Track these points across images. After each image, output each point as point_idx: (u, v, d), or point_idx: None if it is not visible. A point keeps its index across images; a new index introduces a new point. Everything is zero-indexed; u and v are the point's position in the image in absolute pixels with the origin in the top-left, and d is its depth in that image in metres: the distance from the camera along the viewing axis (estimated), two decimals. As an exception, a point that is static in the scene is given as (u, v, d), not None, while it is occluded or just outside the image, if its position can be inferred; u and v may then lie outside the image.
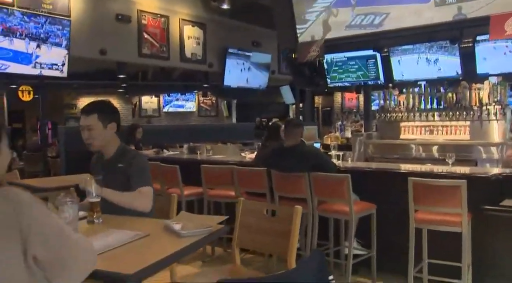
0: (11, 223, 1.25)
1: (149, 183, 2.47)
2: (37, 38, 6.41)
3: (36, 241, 1.29)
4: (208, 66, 9.54)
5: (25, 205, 1.29)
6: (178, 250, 1.67)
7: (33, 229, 1.28)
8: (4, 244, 1.24)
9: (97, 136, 2.48)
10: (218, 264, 4.15)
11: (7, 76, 6.78)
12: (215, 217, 2.13)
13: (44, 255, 1.31)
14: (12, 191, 1.32)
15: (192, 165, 4.76)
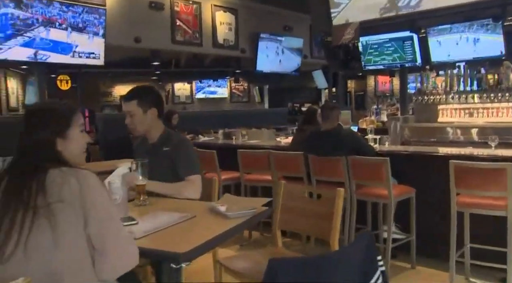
0: (77, 198, 1.35)
1: (197, 170, 2.51)
2: (75, 28, 6.56)
3: (93, 222, 1.38)
4: (240, 51, 9.54)
5: (91, 187, 1.39)
6: (226, 230, 1.70)
7: (92, 210, 1.37)
8: (71, 213, 1.35)
9: (138, 121, 2.53)
10: (255, 248, 4.20)
11: (47, 65, 6.98)
12: (259, 199, 2.16)
13: (95, 238, 1.39)
14: (82, 172, 1.41)
15: (229, 150, 4.81)
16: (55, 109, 1.55)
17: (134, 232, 1.67)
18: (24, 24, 5.97)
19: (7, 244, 1.31)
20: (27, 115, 1.56)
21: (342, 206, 2.19)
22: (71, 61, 6.66)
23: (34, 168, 1.40)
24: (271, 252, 2.43)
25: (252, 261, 2.34)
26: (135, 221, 1.82)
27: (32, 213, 1.32)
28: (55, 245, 1.31)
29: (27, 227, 1.31)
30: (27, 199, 1.33)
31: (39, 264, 1.31)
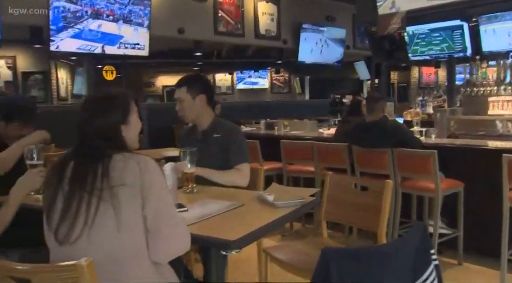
0: (137, 181, 1.40)
1: (247, 159, 2.54)
2: (121, 19, 6.71)
3: (149, 204, 1.41)
4: (282, 42, 9.49)
5: (150, 171, 1.43)
6: (275, 219, 1.71)
7: (150, 193, 1.41)
8: (132, 196, 1.39)
9: (187, 107, 2.57)
10: (297, 238, 4.20)
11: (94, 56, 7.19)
12: (307, 189, 2.15)
13: (151, 220, 1.42)
14: (143, 157, 1.46)
15: (271, 140, 4.81)
16: (119, 95, 1.59)
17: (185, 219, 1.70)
18: (74, 16, 6.17)
19: (75, 227, 1.36)
20: (92, 101, 1.59)
21: (390, 198, 2.16)
22: (117, 52, 6.82)
23: (100, 153, 1.44)
24: (316, 243, 2.42)
25: (297, 251, 2.34)
26: (185, 208, 1.86)
27: (97, 197, 1.37)
28: (117, 227, 1.36)
29: (93, 210, 1.36)
30: (92, 183, 1.38)
31: (102, 246, 1.36)
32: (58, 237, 1.39)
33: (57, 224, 1.39)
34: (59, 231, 1.39)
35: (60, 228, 1.39)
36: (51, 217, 1.42)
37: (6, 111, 2.54)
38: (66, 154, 1.53)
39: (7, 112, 2.54)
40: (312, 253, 2.23)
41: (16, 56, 9.46)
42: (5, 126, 2.50)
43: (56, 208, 1.41)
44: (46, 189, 1.49)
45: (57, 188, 1.43)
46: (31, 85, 9.76)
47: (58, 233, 1.39)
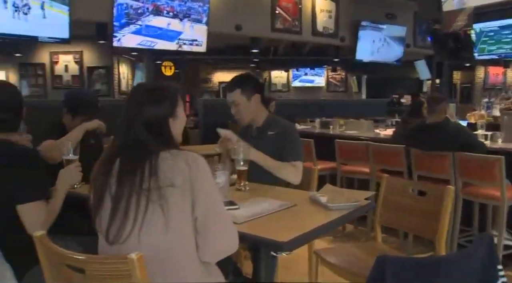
0: (186, 181, 1.36)
1: (301, 157, 2.50)
2: (181, 16, 6.83)
3: (199, 205, 1.38)
4: (339, 40, 9.29)
5: (200, 170, 1.39)
6: (327, 222, 1.66)
7: (200, 194, 1.38)
8: (181, 197, 1.35)
9: (243, 110, 2.55)
10: (349, 240, 4.11)
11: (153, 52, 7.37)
12: (362, 192, 2.08)
13: (199, 221, 1.39)
14: (192, 155, 1.42)
15: (325, 139, 4.73)
16: (168, 87, 1.55)
17: (236, 217, 1.69)
18: (136, 13, 6.35)
19: (125, 228, 1.34)
20: (142, 91, 1.52)
21: (451, 205, 2.04)
22: (175, 48, 6.95)
23: (147, 150, 1.40)
24: (370, 247, 2.34)
25: (349, 254, 2.27)
26: (237, 206, 1.84)
27: (145, 197, 1.33)
28: (166, 228, 1.33)
29: (141, 210, 1.33)
30: (140, 183, 1.34)
31: (150, 247, 1.34)
32: (108, 237, 1.37)
33: (107, 224, 1.37)
34: (109, 231, 1.37)
35: (110, 228, 1.36)
36: (99, 216, 1.40)
37: (72, 105, 2.65)
38: (113, 149, 1.47)
39: (73, 105, 2.65)
40: (365, 258, 2.16)
41: (83, 52, 9.91)
42: (71, 119, 2.61)
43: (104, 207, 1.39)
44: (93, 185, 1.44)
45: (105, 185, 1.40)
46: (95, 79, 10.20)
47: (108, 233, 1.37)
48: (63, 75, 9.95)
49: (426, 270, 1.14)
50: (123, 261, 1.14)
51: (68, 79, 9.93)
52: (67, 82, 9.86)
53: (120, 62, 10.79)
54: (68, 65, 9.95)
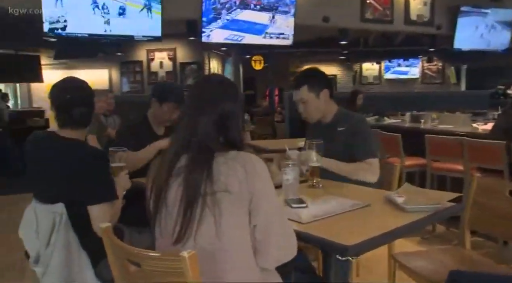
0: (243, 188, 1.28)
1: (376, 153, 2.33)
2: (268, 9, 6.83)
3: (259, 213, 1.31)
4: (436, 28, 8.69)
5: (257, 175, 1.31)
6: (401, 226, 1.52)
7: (259, 202, 1.30)
8: (236, 204, 1.29)
9: (312, 107, 2.43)
10: (439, 243, 3.82)
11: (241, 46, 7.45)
12: (445, 193, 1.88)
13: (259, 229, 1.33)
14: (250, 158, 1.33)
15: (415, 134, 4.45)
16: (232, 83, 1.51)
17: (302, 216, 1.61)
18: (223, 7, 6.46)
19: (183, 227, 1.29)
20: (210, 86, 1.45)
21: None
22: (262, 41, 6.96)
23: (210, 151, 1.33)
24: (457, 254, 2.13)
25: (434, 260, 2.08)
26: (305, 204, 1.76)
27: (202, 201, 1.28)
28: (218, 235, 1.27)
29: (198, 213, 1.28)
30: (198, 185, 1.28)
31: (204, 251, 1.28)
32: (165, 238, 1.35)
33: (165, 224, 1.35)
34: (166, 231, 1.34)
35: (168, 228, 1.33)
36: (159, 215, 1.36)
37: (160, 92, 2.75)
38: (176, 147, 1.39)
39: (161, 93, 2.74)
40: (450, 265, 1.97)
41: (176, 48, 10.35)
42: (159, 106, 2.70)
43: (163, 207, 1.35)
44: (154, 183, 1.38)
45: (166, 184, 1.35)
46: (187, 74, 10.60)
47: (165, 234, 1.35)
48: (158, 72, 10.49)
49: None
50: (176, 258, 1.13)
51: (163, 75, 10.45)
52: (161, 78, 10.37)
53: (210, 58, 11.12)
54: (162, 61, 10.47)
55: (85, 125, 1.96)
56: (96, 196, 1.80)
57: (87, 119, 1.95)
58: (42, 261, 1.74)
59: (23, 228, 1.85)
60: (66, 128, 1.90)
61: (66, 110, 1.89)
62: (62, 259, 1.72)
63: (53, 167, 1.82)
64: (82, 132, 1.96)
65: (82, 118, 1.91)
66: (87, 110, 1.93)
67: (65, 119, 1.90)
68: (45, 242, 1.73)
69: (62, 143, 1.86)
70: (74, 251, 1.75)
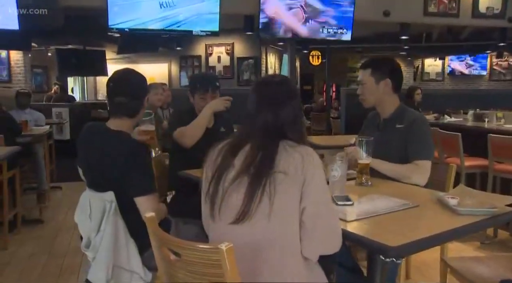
0: (298, 172, 1.34)
1: (428, 155, 2.24)
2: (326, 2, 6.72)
3: (309, 195, 1.35)
4: (507, 21, 8.18)
5: (313, 164, 1.37)
6: (451, 229, 1.44)
7: (310, 188, 1.35)
8: (291, 186, 1.34)
9: (368, 92, 2.40)
10: (500, 249, 3.62)
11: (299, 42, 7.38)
12: (504, 197, 1.76)
13: (308, 215, 1.36)
14: (307, 148, 1.41)
15: (478, 133, 4.23)
16: (290, 82, 1.58)
17: (347, 214, 1.58)
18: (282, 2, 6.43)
19: (248, 210, 1.35)
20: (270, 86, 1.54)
21: None
22: (320, 36, 6.87)
23: (270, 139, 1.42)
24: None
25: (490, 268, 1.97)
26: (351, 201, 1.72)
27: (264, 181, 1.34)
28: (268, 215, 1.32)
29: (259, 193, 1.34)
30: (258, 167, 1.37)
31: (253, 233, 1.34)
32: (222, 220, 1.39)
33: (224, 206, 1.40)
34: (223, 213, 1.39)
35: (227, 211, 1.39)
36: (218, 198, 1.41)
37: (190, 86, 2.79)
38: (241, 135, 1.50)
39: (191, 86, 2.78)
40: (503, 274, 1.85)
41: (234, 43, 10.47)
42: (192, 98, 2.75)
43: (224, 189, 1.40)
44: (217, 166, 1.45)
45: (229, 166, 1.42)
46: (244, 69, 10.70)
47: (222, 216, 1.39)
48: (216, 66, 10.65)
49: None
50: (215, 250, 1.14)
51: (220, 70, 10.60)
52: (219, 72, 10.53)
53: (268, 52, 11.14)
54: (220, 56, 10.62)
55: (128, 115, 1.97)
56: (140, 188, 1.85)
57: (129, 109, 1.97)
58: (92, 246, 1.82)
59: (78, 213, 1.94)
60: (114, 118, 1.97)
61: (110, 98, 1.96)
62: (111, 246, 1.78)
63: (100, 157, 1.90)
64: (128, 122, 1.99)
65: (123, 107, 1.94)
66: (129, 100, 1.95)
67: (110, 108, 1.97)
68: (96, 228, 1.81)
69: (107, 134, 1.93)
70: (122, 238, 1.82)
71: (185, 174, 2.36)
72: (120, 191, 1.81)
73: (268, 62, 11.20)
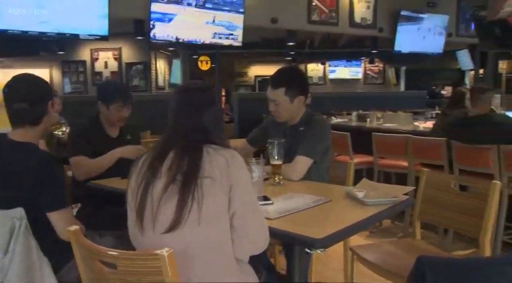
0: (223, 175, 1.37)
1: (308, 152, 2.32)
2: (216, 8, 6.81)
3: (237, 199, 1.38)
4: (378, 30, 9.06)
5: (237, 166, 1.41)
6: (364, 218, 1.60)
7: (238, 190, 1.38)
8: (217, 190, 1.36)
9: (283, 110, 2.43)
10: (385, 236, 4.01)
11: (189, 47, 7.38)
12: (401, 187, 1.99)
13: (237, 217, 1.39)
14: (230, 151, 1.45)
15: (362, 132, 4.63)
16: (211, 87, 1.60)
17: (269, 213, 1.66)
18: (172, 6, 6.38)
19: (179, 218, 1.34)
20: (196, 93, 1.54)
21: (497, 201, 1.94)
22: (211, 42, 6.95)
23: (194, 143, 1.43)
24: (409, 245, 2.26)
25: (387, 252, 2.20)
26: (271, 201, 1.81)
27: (192, 187, 1.35)
28: (198, 220, 1.34)
29: (189, 201, 1.34)
30: (183, 173, 1.37)
31: (184, 238, 1.34)
32: (150, 231, 1.38)
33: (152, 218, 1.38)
34: (152, 225, 1.38)
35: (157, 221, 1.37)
36: (145, 210, 1.40)
37: (105, 94, 2.63)
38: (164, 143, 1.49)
39: (106, 94, 2.62)
40: (403, 255, 2.09)
41: (121, 48, 10.10)
42: (106, 108, 2.60)
43: (151, 201, 1.39)
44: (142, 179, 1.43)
45: (155, 178, 1.40)
46: (133, 75, 10.37)
47: (151, 227, 1.38)
48: (103, 72, 10.18)
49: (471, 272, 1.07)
50: (154, 257, 1.14)
51: (108, 75, 10.15)
52: (106, 78, 10.08)
53: (157, 58, 10.94)
54: (107, 61, 10.18)
55: (31, 122, 1.83)
56: (53, 202, 1.75)
57: (31, 116, 1.83)
58: (0, 269, 1.66)
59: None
60: (16, 128, 1.82)
61: (8, 106, 1.81)
62: (22, 267, 1.65)
63: (5, 173, 1.75)
64: (33, 132, 1.84)
65: (24, 114, 1.81)
66: (30, 106, 1.82)
67: (10, 117, 1.82)
68: (4, 249, 1.66)
69: (11, 147, 1.79)
70: (34, 258, 1.68)
71: (95, 184, 2.26)
72: (30, 207, 1.69)
73: (158, 68, 11.00)
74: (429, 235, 3.71)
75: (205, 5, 6.71)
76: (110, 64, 10.18)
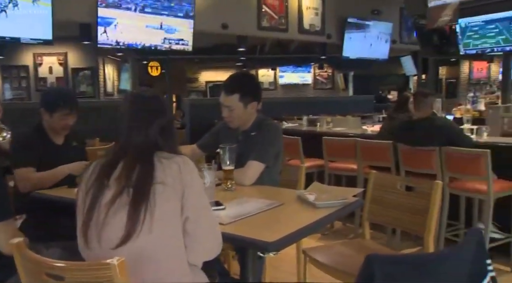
0: (176, 181, 1.37)
1: (260, 157, 2.34)
2: (166, 14, 6.75)
3: (190, 205, 1.38)
4: (326, 37, 9.30)
5: (189, 172, 1.41)
6: (315, 220, 1.64)
7: (190, 195, 1.38)
8: (171, 196, 1.36)
9: (237, 116, 2.43)
10: (337, 238, 4.10)
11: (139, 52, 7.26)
12: (350, 189, 2.05)
13: (189, 222, 1.39)
14: (182, 157, 1.45)
15: (313, 137, 4.72)
16: (159, 95, 1.59)
17: (222, 218, 1.66)
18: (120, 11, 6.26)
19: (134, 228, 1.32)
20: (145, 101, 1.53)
21: (440, 200, 2.03)
22: (161, 47, 6.87)
23: (145, 152, 1.42)
24: (359, 245, 2.32)
25: (338, 253, 2.26)
26: (223, 206, 1.81)
27: (132, 195, 1.33)
28: (150, 226, 1.32)
29: (142, 210, 1.32)
30: (133, 180, 1.36)
31: (134, 245, 1.32)
32: (99, 244, 1.35)
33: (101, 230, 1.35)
34: (101, 237, 1.35)
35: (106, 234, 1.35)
36: (93, 223, 1.36)
37: (49, 101, 2.52)
38: (114, 154, 1.46)
39: (50, 102, 2.51)
40: (354, 255, 2.15)
41: (67, 53, 9.77)
42: (49, 116, 2.50)
43: (99, 213, 1.36)
44: (89, 191, 1.40)
45: (103, 190, 1.38)
46: (80, 80, 10.06)
47: (100, 240, 1.35)
48: (47, 77, 9.79)
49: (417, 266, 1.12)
50: (105, 267, 1.11)
51: (53, 81, 9.78)
52: (51, 84, 9.70)
53: (105, 63, 10.67)
54: (52, 66, 9.81)
55: None
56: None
57: None
58: None
59: None
60: None
61: None
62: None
63: None
64: None
65: None
66: None
67: None
68: None
69: None
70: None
71: (40, 194, 2.17)
72: None
73: (106, 73, 10.72)
74: (378, 235, 3.83)
75: (155, 10, 6.63)
76: (55, 70, 9.81)
